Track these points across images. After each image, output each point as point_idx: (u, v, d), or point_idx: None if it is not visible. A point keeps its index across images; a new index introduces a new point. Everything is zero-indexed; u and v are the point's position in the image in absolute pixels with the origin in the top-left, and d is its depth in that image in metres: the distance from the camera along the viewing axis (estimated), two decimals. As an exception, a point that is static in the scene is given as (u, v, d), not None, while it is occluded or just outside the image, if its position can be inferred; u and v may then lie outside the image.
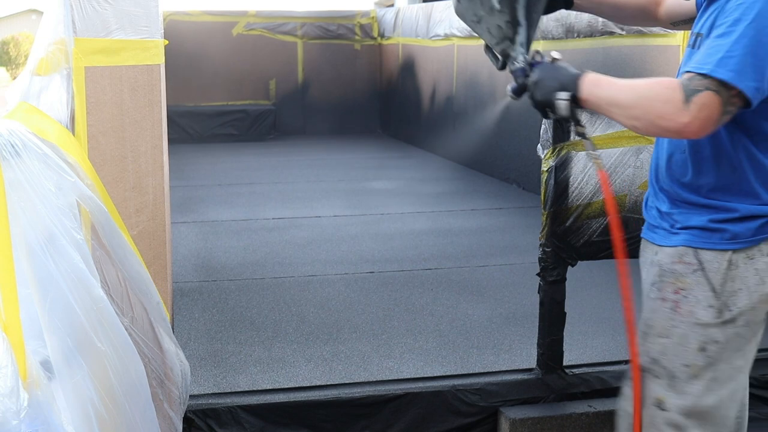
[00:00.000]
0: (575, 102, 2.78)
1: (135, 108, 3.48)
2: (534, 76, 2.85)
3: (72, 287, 2.84)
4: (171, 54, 4.47)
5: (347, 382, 4.33)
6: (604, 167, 3.05)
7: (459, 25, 10.81)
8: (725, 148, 2.72)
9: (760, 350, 4.72)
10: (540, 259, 4.31)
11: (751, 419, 4.46)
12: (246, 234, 7.42)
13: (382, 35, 14.51)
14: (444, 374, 4.43)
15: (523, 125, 8.92)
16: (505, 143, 9.71)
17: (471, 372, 4.46)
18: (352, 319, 5.21)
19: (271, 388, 4.22)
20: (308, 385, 4.27)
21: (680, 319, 2.81)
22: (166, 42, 3.80)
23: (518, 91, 2.95)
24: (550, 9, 3.18)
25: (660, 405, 2.87)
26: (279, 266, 6.41)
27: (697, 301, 2.78)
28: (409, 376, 4.39)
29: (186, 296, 5.65)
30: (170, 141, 4.26)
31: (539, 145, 4.38)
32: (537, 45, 8.53)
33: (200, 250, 6.85)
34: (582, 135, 2.92)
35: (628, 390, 2.99)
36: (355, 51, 14.64)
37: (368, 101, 14.60)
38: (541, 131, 4.71)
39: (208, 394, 4.12)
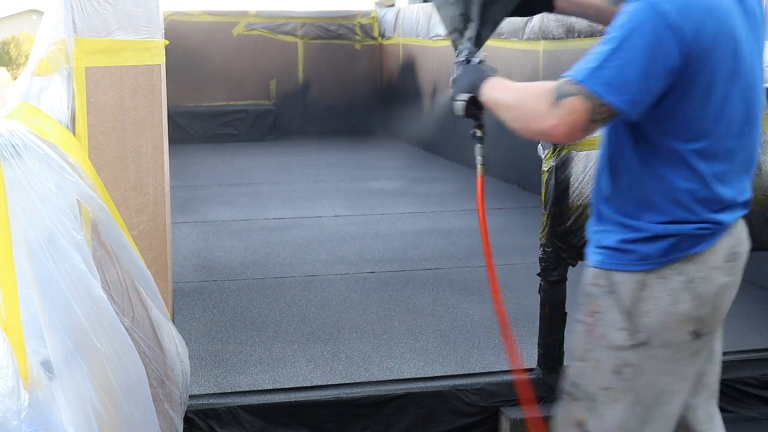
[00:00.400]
0: (476, 104, 2.88)
1: (135, 108, 3.48)
2: (455, 74, 2.94)
3: (72, 287, 2.84)
4: (171, 54, 4.48)
5: (348, 382, 4.33)
6: (481, 174, 3.10)
7: None
8: (633, 165, 2.65)
9: (759, 350, 4.76)
10: (540, 260, 4.31)
11: (751, 419, 4.47)
12: (246, 234, 7.42)
13: (382, 35, 14.48)
14: (445, 374, 4.44)
15: None
16: (505, 143, 9.59)
17: (472, 372, 4.47)
18: (352, 319, 5.21)
19: (271, 388, 4.22)
20: (309, 385, 4.28)
21: (595, 343, 2.72)
22: (167, 42, 3.81)
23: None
24: (528, 11, 3.18)
25: (581, 426, 2.78)
26: (279, 266, 6.41)
27: (609, 323, 2.69)
28: (409, 376, 4.40)
29: (186, 296, 5.64)
30: (170, 141, 4.26)
31: (539, 145, 4.37)
32: (538, 45, 8.45)
33: (201, 251, 6.85)
34: (475, 136, 3.05)
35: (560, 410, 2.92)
36: (355, 51, 14.60)
37: (369, 101, 14.55)
38: None
39: (208, 394, 4.13)
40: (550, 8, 3.16)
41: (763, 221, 4.55)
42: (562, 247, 4.27)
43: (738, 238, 2.72)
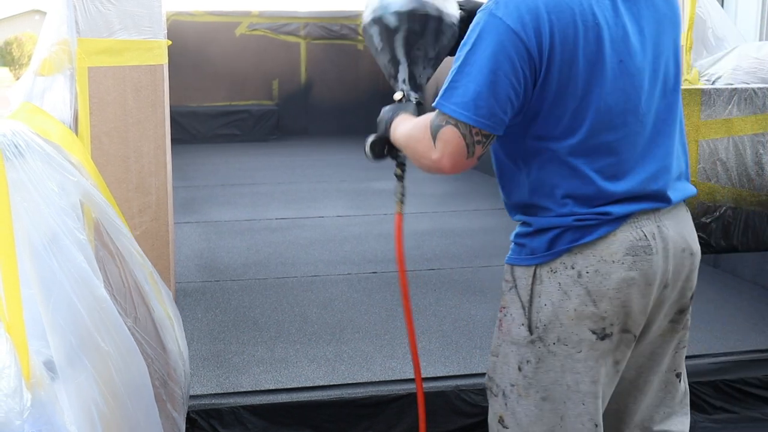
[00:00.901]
0: (388, 144, 2.94)
1: (138, 108, 3.48)
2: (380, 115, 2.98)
3: (75, 287, 2.83)
4: (174, 54, 4.48)
5: (350, 382, 4.33)
6: (402, 210, 3.15)
7: None
8: (508, 166, 2.65)
9: (762, 350, 4.75)
10: None
11: (755, 420, 4.47)
12: (249, 234, 7.42)
13: None
14: (447, 374, 4.43)
15: None
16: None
17: (474, 372, 4.45)
18: (355, 320, 5.20)
19: (273, 388, 4.22)
20: (311, 385, 4.27)
21: (503, 338, 2.69)
22: (169, 42, 3.79)
23: None
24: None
25: (501, 422, 2.74)
26: (282, 266, 6.40)
27: (513, 318, 2.66)
28: (412, 377, 4.35)
29: (189, 296, 5.64)
30: (173, 141, 4.25)
31: None
32: None
33: (203, 251, 6.85)
34: (397, 176, 3.14)
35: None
36: (358, 51, 14.61)
37: (371, 101, 14.30)
38: None
39: (211, 395, 4.12)
40: None
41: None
42: None
43: (652, 231, 2.60)
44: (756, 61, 5.13)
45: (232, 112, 13.98)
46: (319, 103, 14.43)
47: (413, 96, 2.97)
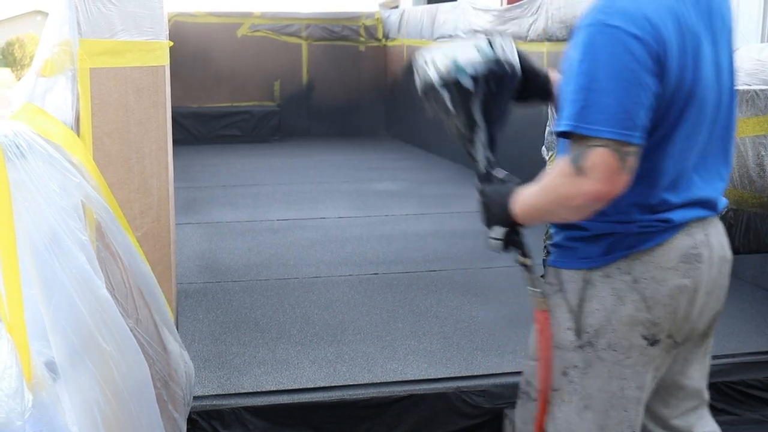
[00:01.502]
0: (515, 232, 2.67)
1: (140, 109, 3.46)
2: (482, 197, 2.76)
3: (77, 288, 2.82)
4: (175, 55, 4.46)
5: (351, 383, 4.33)
6: (545, 306, 2.71)
7: (464, 27, 10.77)
8: None
9: (763, 352, 4.75)
10: (543, 261, 4.30)
11: (756, 422, 4.47)
12: (250, 235, 7.41)
13: (386, 37, 14.44)
14: (448, 376, 4.42)
15: (527, 126, 8.80)
16: (509, 145, 9.53)
17: (475, 374, 4.45)
18: (356, 321, 5.20)
19: (275, 389, 4.22)
20: (312, 386, 4.27)
21: (545, 342, 2.64)
22: (171, 43, 3.79)
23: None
24: (524, 102, 2.99)
25: (537, 426, 2.73)
26: (283, 267, 6.40)
27: (557, 323, 2.62)
28: (413, 378, 4.39)
29: (190, 297, 5.63)
30: (174, 142, 4.24)
31: (543, 147, 4.36)
32: (542, 46, 8.39)
33: (204, 252, 6.84)
34: (524, 266, 2.73)
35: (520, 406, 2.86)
36: (359, 52, 14.60)
37: (373, 103, 14.54)
38: (546, 133, 4.70)
39: (212, 395, 4.12)
40: (545, 100, 3.00)
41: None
42: None
43: (701, 240, 2.58)
44: (758, 63, 5.13)
45: (234, 113, 13.97)
46: (321, 104, 14.40)
47: (501, 172, 2.81)
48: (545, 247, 4.26)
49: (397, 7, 18.21)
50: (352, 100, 14.44)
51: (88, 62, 3.34)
